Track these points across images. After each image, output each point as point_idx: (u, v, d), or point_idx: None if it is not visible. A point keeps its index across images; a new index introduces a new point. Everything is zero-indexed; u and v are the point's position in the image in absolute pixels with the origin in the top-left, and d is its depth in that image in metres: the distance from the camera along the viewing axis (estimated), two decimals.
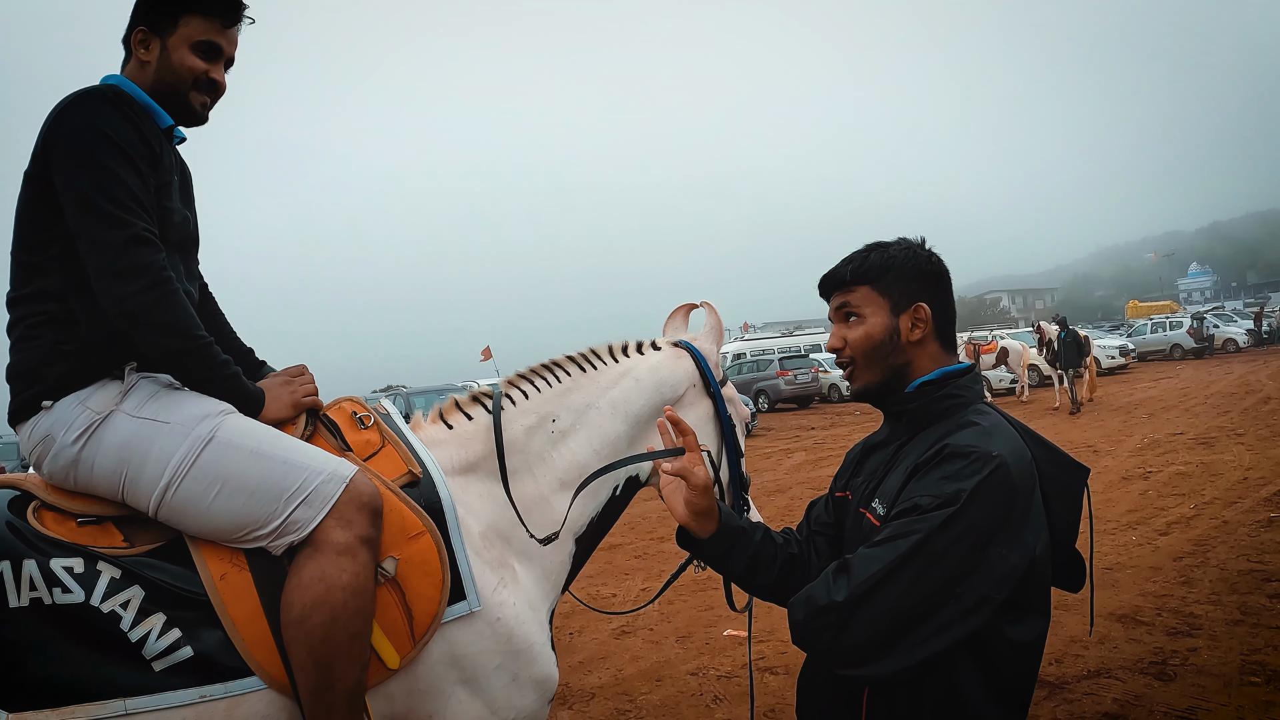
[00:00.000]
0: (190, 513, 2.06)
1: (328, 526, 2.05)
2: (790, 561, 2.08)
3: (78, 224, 2.03)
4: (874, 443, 2.10)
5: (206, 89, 2.31)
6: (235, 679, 1.98)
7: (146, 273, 2.02)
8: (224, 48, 2.31)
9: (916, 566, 1.63)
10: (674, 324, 3.07)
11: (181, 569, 2.05)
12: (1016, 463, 1.72)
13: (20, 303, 2.15)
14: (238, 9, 2.31)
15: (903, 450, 1.93)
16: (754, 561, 2.03)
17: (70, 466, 2.08)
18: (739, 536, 2.03)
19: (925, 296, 1.93)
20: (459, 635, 2.19)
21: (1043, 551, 1.74)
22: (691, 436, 2.04)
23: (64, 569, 1.95)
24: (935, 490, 1.69)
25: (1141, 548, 7.46)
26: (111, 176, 2.02)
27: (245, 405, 2.23)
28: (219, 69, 2.32)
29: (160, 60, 2.25)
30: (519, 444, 2.55)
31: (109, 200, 2.01)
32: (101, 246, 2.01)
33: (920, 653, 1.64)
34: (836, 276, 2.00)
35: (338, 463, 2.16)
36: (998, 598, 1.66)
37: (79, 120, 2.06)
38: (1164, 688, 4.65)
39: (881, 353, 1.94)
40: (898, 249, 1.96)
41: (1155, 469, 11.18)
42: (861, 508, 1.94)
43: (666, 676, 5.60)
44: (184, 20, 2.24)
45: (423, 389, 22.12)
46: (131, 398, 2.14)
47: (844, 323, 1.99)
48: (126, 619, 1.94)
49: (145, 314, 2.03)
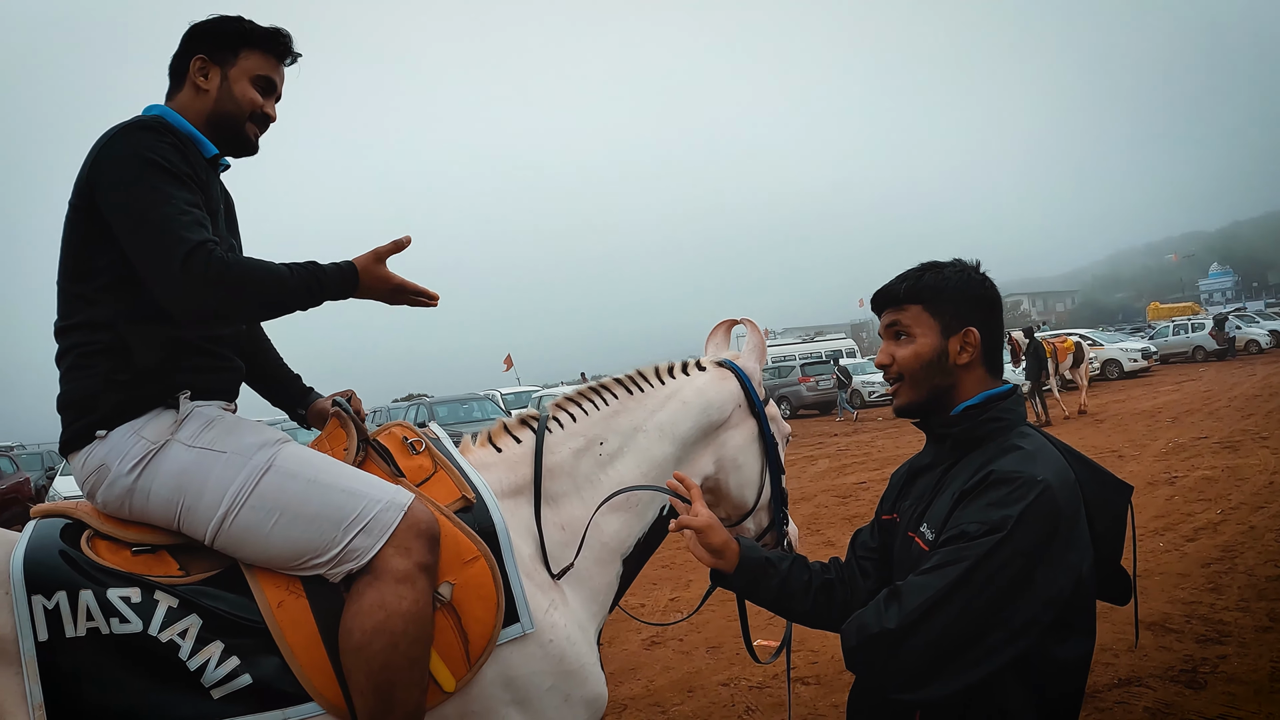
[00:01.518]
0: (248, 541, 2.09)
1: (387, 554, 2.08)
2: (826, 588, 2.12)
3: (134, 247, 2.03)
4: (920, 465, 2.13)
5: (260, 121, 2.37)
6: (293, 705, 2.01)
7: (215, 277, 1.97)
8: (276, 83, 2.40)
9: (966, 593, 1.68)
10: (715, 341, 3.10)
11: (238, 597, 2.08)
12: (1061, 485, 1.76)
13: (69, 332, 2.18)
14: (289, 45, 2.39)
15: (949, 474, 1.96)
16: (783, 589, 2.08)
17: (126, 496, 2.11)
18: (762, 567, 2.08)
19: (976, 321, 1.96)
20: (512, 657, 2.22)
21: (1088, 572, 1.79)
22: (696, 489, 2.16)
23: (121, 599, 1.97)
24: (982, 517, 1.73)
25: (1169, 554, 7.43)
26: (162, 195, 2.03)
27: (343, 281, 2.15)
28: (271, 104, 2.39)
29: (221, 90, 2.30)
30: (567, 467, 2.57)
31: (163, 218, 2.01)
32: (164, 264, 1.98)
33: (970, 676, 1.69)
34: (890, 293, 2.03)
35: (395, 490, 2.19)
36: (1045, 620, 1.71)
37: (126, 149, 2.07)
38: (1195, 695, 4.65)
39: (928, 373, 1.98)
40: (952, 271, 1.99)
41: (1181, 474, 11.10)
42: (910, 531, 1.98)
43: (698, 687, 5.61)
44: (244, 54, 2.31)
45: (446, 399, 22.19)
46: (187, 427, 2.16)
47: (894, 340, 2.03)
48: (185, 648, 1.97)
49: (232, 307, 2.07)
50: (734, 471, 2.81)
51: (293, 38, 2.40)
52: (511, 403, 25.17)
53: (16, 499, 18.95)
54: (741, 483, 2.83)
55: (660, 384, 2.79)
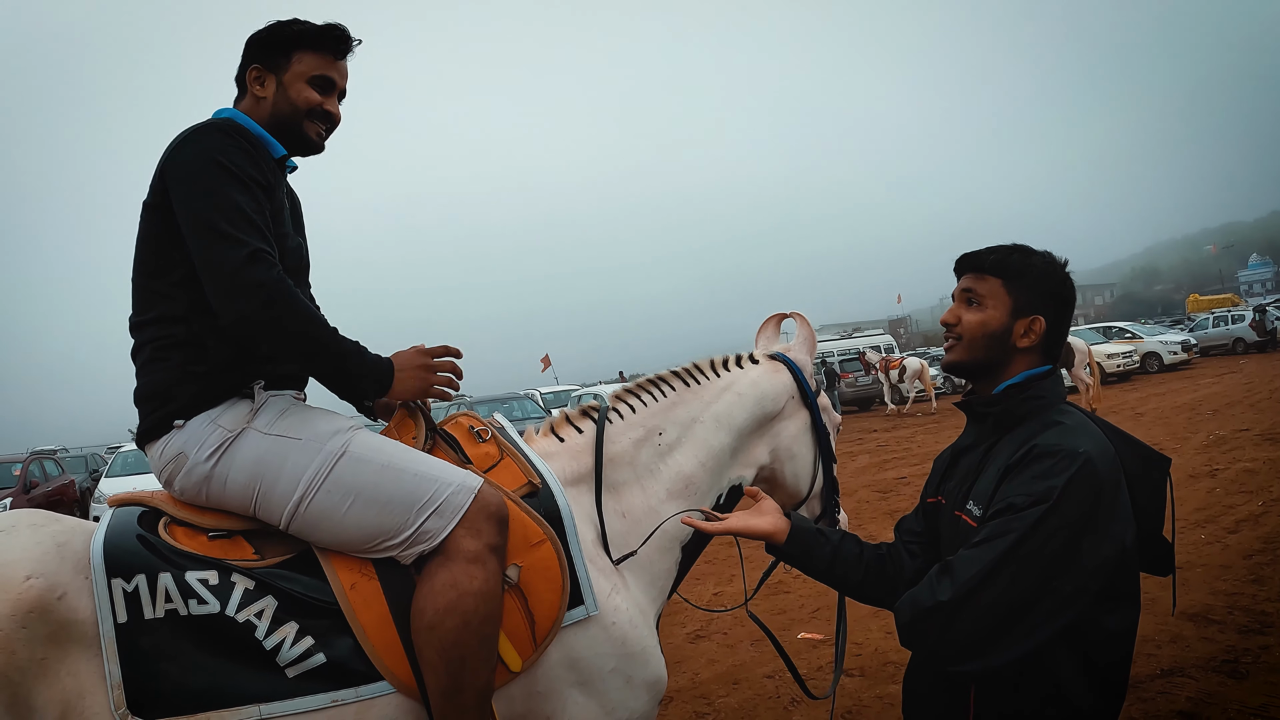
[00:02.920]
0: (323, 525, 2.15)
1: (458, 535, 2.14)
2: (878, 560, 2.22)
3: (196, 247, 2.10)
4: (962, 446, 2.21)
5: (321, 119, 2.41)
6: (365, 684, 2.07)
7: (263, 288, 2.07)
8: (336, 80, 2.43)
9: (1015, 563, 1.75)
10: (766, 334, 3.18)
11: (312, 579, 2.14)
12: (1101, 457, 1.83)
13: (145, 326, 2.25)
14: (346, 41, 2.42)
15: (992, 452, 2.04)
16: (835, 558, 2.19)
17: (203, 483, 2.17)
18: (814, 537, 2.21)
19: (1047, 313, 2.03)
20: (576, 639, 2.29)
21: (1132, 542, 1.86)
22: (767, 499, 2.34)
23: (199, 581, 2.04)
24: (1028, 489, 1.80)
25: (1211, 546, 7.41)
26: (227, 200, 2.09)
27: (377, 379, 2.28)
28: (333, 100, 2.43)
29: (277, 95, 2.37)
30: (628, 456, 2.65)
31: (225, 221, 2.07)
32: (220, 266, 2.06)
33: (1024, 646, 1.76)
34: (977, 259, 2.10)
35: (465, 475, 2.24)
36: (1093, 588, 1.78)
37: (195, 151, 2.14)
38: (1237, 686, 4.65)
39: (987, 344, 2.05)
40: (1039, 259, 2.06)
41: (1222, 466, 11.02)
42: (957, 511, 2.05)
43: (743, 679, 5.66)
44: (297, 56, 2.37)
45: (485, 398, 22.28)
46: (262, 415, 2.22)
47: (965, 305, 2.10)
48: (261, 628, 2.03)
49: (268, 327, 2.09)
50: (789, 461, 2.90)
51: (348, 31, 2.42)
52: (551, 402, 25.20)
53: (61, 501, 19.18)
54: (796, 472, 2.91)
55: (715, 376, 2.86)
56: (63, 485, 20.41)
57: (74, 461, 25.22)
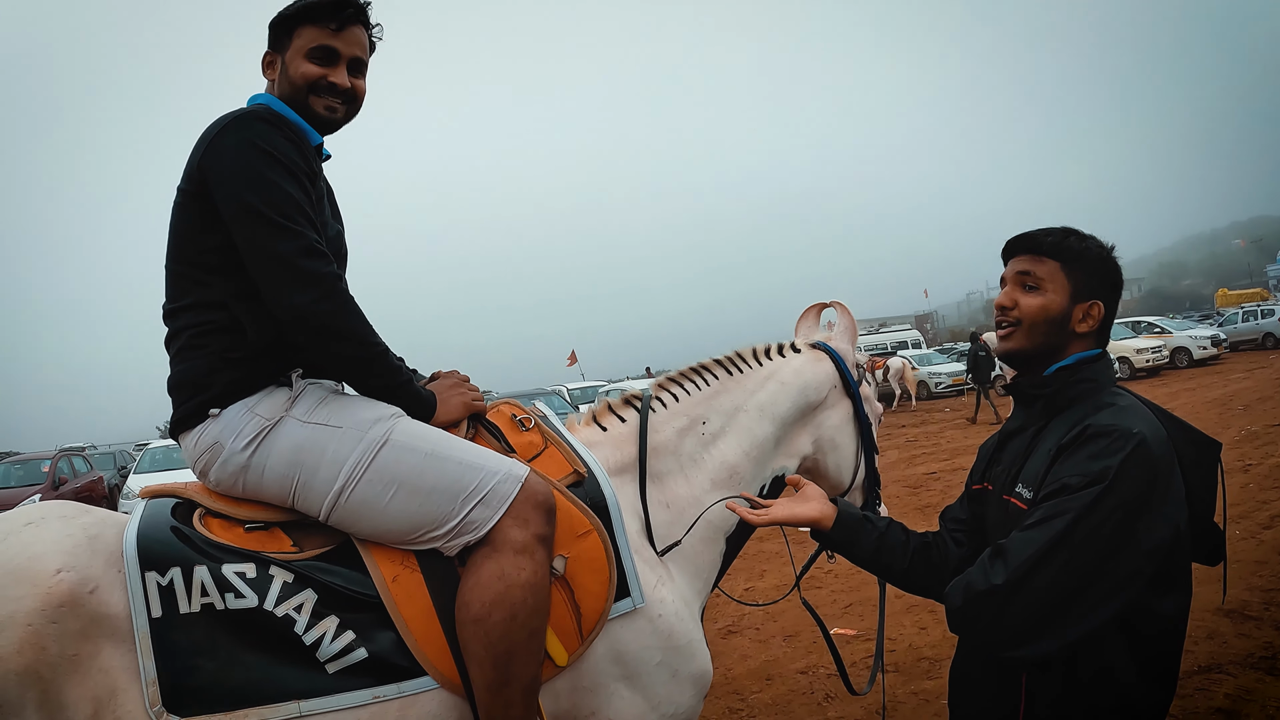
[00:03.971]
0: (365, 515, 2.10)
1: (505, 526, 2.09)
2: (923, 548, 2.20)
3: (247, 237, 2.06)
4: (1010, 430, 2.17)
5: (327, 92, 2.32)
6: (408, 679, 2.03)
7: (322, 282, 2.06)
8: (340, 50, 2.32)
9: (1070, 545, 1.72)
10: (806, 324, 3.16)
11: (353, 572, 2.10)
12: (1155, 439, 1.80)
13: (180, 314, 2.20)
14: (343, 8, 2.31)
15: (1041, 435, 2.01)
16: (881, 545, 2.18)
17: (240, 473, 2.13)
18: (859, 524, 2.20)
19: (1104, 297, 2.01)
20: (622, 632, 2.25)
21: (1185, 526, 1.83)
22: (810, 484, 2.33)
23: (236, 574, 2.00)
24: (1083, 469, 1.77)
25: (1245, 542, 7.34)
26: (279, 190, 2.07)
27: (419, 409, 2.28)
28: (339, 72, 2.33)
29: (281, 75, 2.33)
30: (671, 445, 2.62)
31: (278, 213, 2.05)
32: (274, 258, 2.04)
33: (1079, 630, 1.73)
34: (1033, 240, 2.05)
35: (511, 463, 2.20)
36: (1148, 571, 1.75)
37: (240, 138, 2.10)
38: (1275, 682, 4.62)
39: (1048, 329, 2.01)
40: (1094, 244, 2.03)
41: (1254, 462, 10.93)
42: (1005, 495, 2.03)
43: (776, 675, 5.65)
44: (298, 33, 2.30)
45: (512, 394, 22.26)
46: (301, 403, 2.18)
47: (1021, 289, 2.04)
48: (300, 622, 1.99)
49: (324, 322, 2.07)
50: (832, 451, 2.88)
51: (352, 1, 2.33)
52: (578, 398, 25.16)
53: (90, 498, 19.24)
54: (839, 462, 2.89)
55: (758, 365, 2.84)
56: (91, 482, 20.58)
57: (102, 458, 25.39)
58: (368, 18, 2.39)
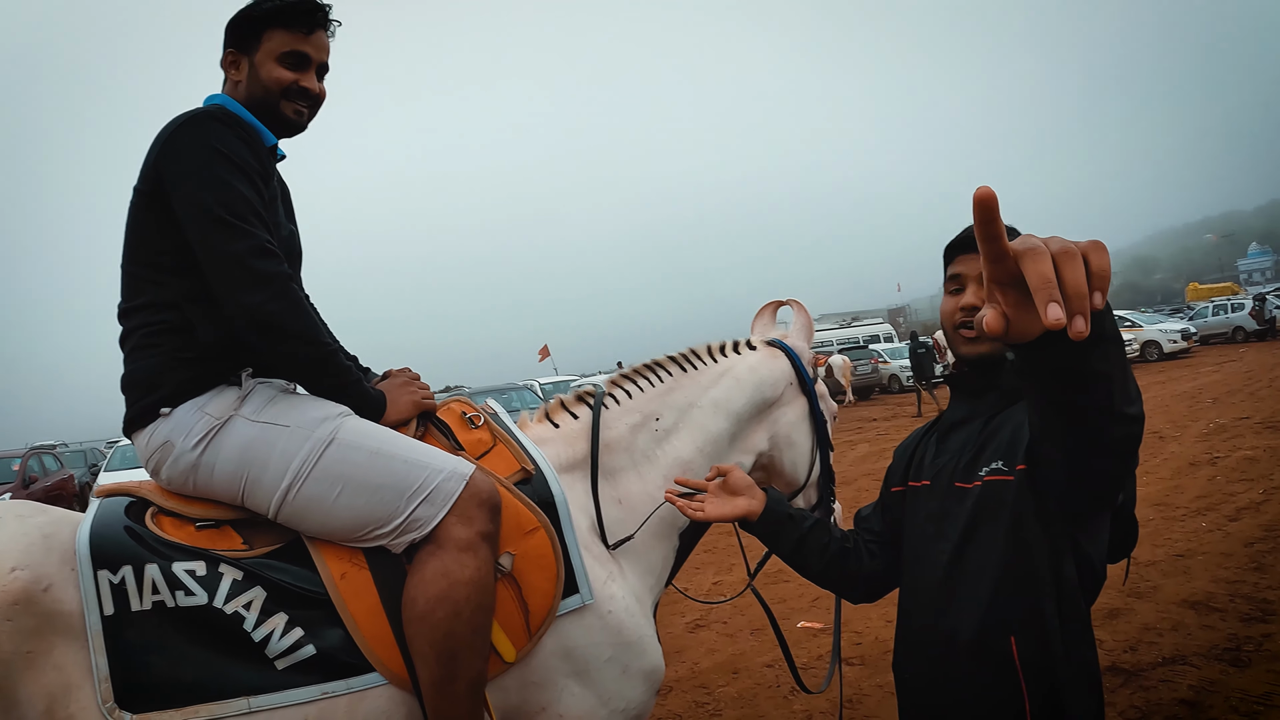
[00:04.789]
0: (312, 513, 2.11)
1: (449, 523, 2.10)
2: (841, 555, 2.22)
3: (200, 237, 2.07)
4: (953, 421, 2.13)
5: (298, 97, 2.34)
6: (356, 675, 2.03)
7: (273, 282, 2.07)
8: (310, 55, 2.33)
9: None
10: (762, 322, 3.15)
11: (302, 569, 2.11)
12: None
13: (134, 313, 2.21)
14: (314, 14, 2.33)
15: (993, 423, 1.99)
16: (800, 547, 2.20)
17: (190, 471, 2.13)
18: (783, 521, 2.20)
19: None
20: (571, 628, 2.26)
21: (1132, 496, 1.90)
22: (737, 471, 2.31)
23: (186, 572, 2.00)
24: None
25: (1212, 534, 7.40)
26: (231, 190, 2.07)
27: (369, 409, 2.29)
28: (309, 77, 2.35)
29: (250, 76, 2.31)
30: (624, 442, 2.62)
31: (231, 213, 2.05)
32: (227, 258, 2.05)
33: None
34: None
35: (457, 461, 2.21)
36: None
37: (194, 139, 2.11)
38: (1239, 674, 4.64)
39: None
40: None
41: (1222, 454, 11.02)
42: (959, 483, 1.99)
43: (743, 669, 5.66)
44: (267, 35, 2.29)
45: (484, 389, 22.22)
46: (250, 403, 2.19)
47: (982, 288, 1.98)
48: (250, 619, 1.99)
49: (275, 322, 2.08)
50: (788, 448, 2.87)
51: (320, 5, 2.34)
52: (550, 392, 25.13)
53: (61, 496, 19.18)
54: (795, 459, 2.89)
55: (713, 362, 2.82)
56: (62, 480, 20.46)
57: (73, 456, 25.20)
58: (329, 21, 2.38)
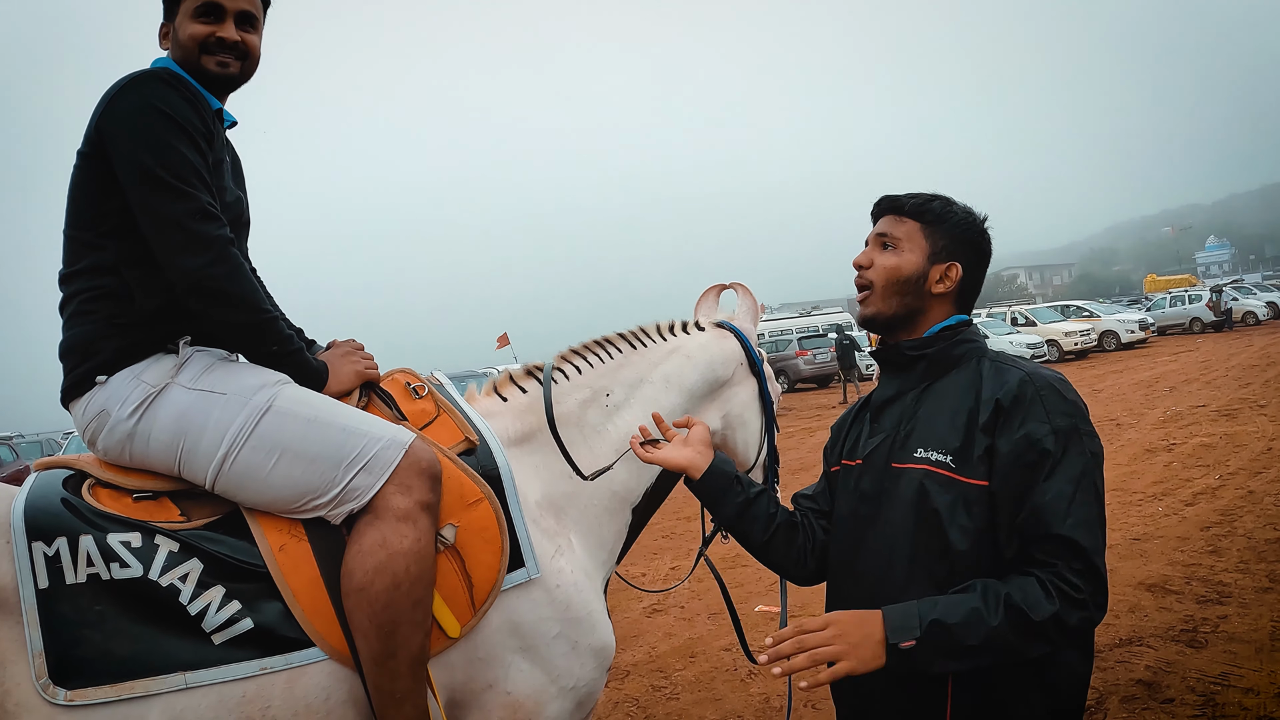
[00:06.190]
0: (249, 483, 2.06)
1: (388, 493, 2.06)
2: (789, 527, 2.13)
3: (140, 199, 2.02)
4: (884, 398, 2.07)
5: (217, 48, 2.22)
6: (296, 650, 1.99)
7: (213, 245, 2.02)
8: (225, 5, 2.21)
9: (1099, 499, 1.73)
10: (705, 305, 3.13)
11: (240, 541, 2.06)
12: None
13: (74, 278, 2.15)
14: None
15: (925, 397, 1.95)
16: (745, 513, 2.09)
17: (126, 441, 2.08)
18: (728, 483, 2.10)
19: (963, 260, 1.96)
20: (518, 603, 2.21)
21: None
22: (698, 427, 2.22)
23: (121, 543, 1.95)
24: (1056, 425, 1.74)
25: (1168, 518, 7.49)
26: (173, 152, 2.02)
27: (309, 379, 2.24)
28: (226, 27, 2.22)
29: (174, 41, 2.24)
30: (574, 417, 2.58)
31: (172, 175, 2.00)
32: (166, 220, 2.00)
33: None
34: (895, 201, 2.01)
35: (396, 429, 2.16)
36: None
37: (137, 99, 2.05)
38: (1196, 655, 4.70)
39: (902, 289, 1.95)
40: (960, 209, 1.99)
41: (1179, 441, 11.16)
42: (895, 463, 1.93)
43: (700, 653, 5.66)
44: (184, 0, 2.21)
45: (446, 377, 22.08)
46: (187, 370, 2.13)
47: (879, 249, 2.00)
48: (186, 592, 1.94)
49: (215, 286, 2.03)
50: (740, 428, 2.87)
51: None
52: None
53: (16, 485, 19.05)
54: (747, 439, 2.88)
55: (661, 340, 2.80)
56: (18, 470, 20.26)
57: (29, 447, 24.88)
58: None
